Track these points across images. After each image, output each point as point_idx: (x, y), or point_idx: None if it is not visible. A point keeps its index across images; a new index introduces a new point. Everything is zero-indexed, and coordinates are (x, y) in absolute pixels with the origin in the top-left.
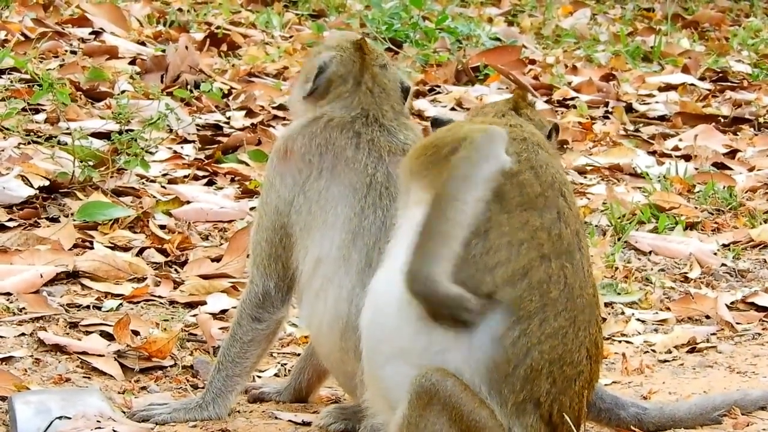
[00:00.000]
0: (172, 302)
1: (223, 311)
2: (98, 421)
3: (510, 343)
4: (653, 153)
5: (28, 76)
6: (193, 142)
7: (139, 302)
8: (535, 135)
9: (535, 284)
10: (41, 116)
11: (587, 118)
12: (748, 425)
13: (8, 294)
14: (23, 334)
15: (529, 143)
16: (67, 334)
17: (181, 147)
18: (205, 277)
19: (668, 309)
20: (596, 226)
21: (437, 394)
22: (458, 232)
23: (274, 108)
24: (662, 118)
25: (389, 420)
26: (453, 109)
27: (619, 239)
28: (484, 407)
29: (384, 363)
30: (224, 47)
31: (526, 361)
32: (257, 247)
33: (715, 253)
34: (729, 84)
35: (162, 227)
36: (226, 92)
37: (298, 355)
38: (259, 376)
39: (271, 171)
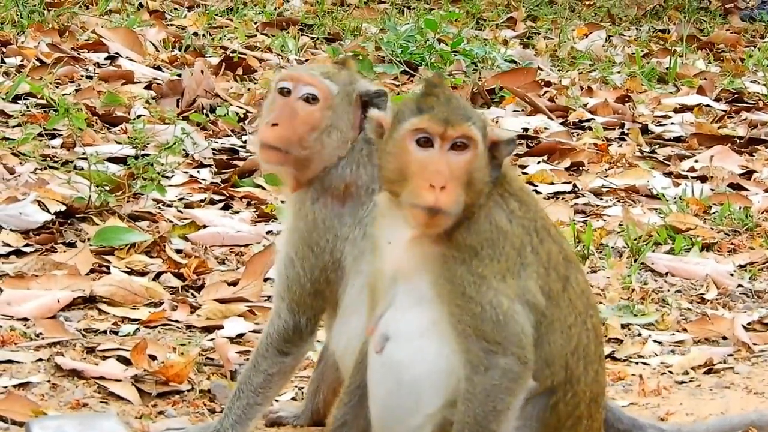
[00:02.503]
0: (189, 326)
1: (240, 335)
2: None
3: (563, 406)
4: (669, 174)
5: (44, 102)
6: (209, 166)
7: (156, 327)
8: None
9: (581, 353)
10: (57, 141)
11: (603, 140)
12: None
13: (25, 319)
14: (40, 359)
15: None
16: (84, 359)
17: (197, 171)
18: (221, 301)
19: (685, 330)
20: (612, 247)
21: None
22: None
23: None
24: (678, 140)
25: None
26: None
27: (635, 261)
28: None
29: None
30: (240, 71)
31: (575, 413)
32: (294, 285)
33: (732, 274)
34: (744, 105)
35: (178, 251)
36: (241, 116)
37: None
38: (277, 400)
39: (327, 212)
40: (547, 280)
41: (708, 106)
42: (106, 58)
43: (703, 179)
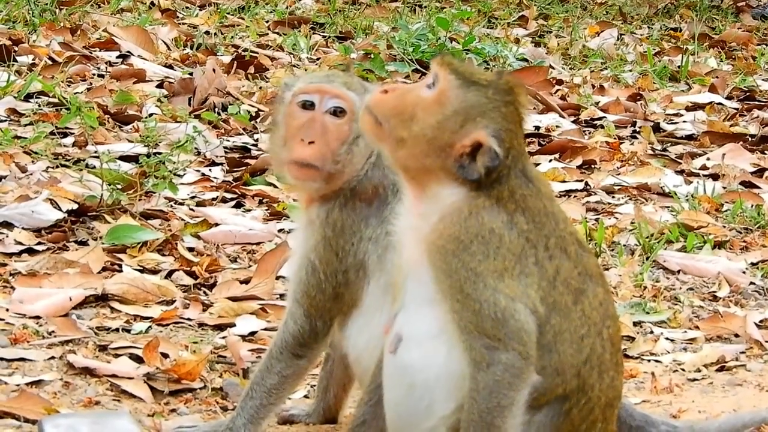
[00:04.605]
0: (201, 324)
1: (252, 333)
2: None
3: (576, 412)
4: (681, 172)
5: (56, 100)
6: (221, 164)
7: (168, 325)
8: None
9: (594, 362)
10: (69, 140)
11: (615, 138)
12: None
13: (38, 317)
14: (53, 358)
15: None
16: (97, 357)
17: (209, 169)
18: (234, 299)
19: (697, 328)
20: (624, 245)
21: None
22: None
23: None
24: (690, 138)
25: None
26: None
27: (647, 258)
28: None
29: None
30: (251, 69)
31: (589, 418)
32: (313, 291)
33: (744, 272)
34: (756, 103)
35: (190, 250)
36: (253, 114)
37: None
38: (289, 398)
39: (355, 216)
40: (552, 293)
41: (720, 104)
42: (117, 57)
43: (715, 177)
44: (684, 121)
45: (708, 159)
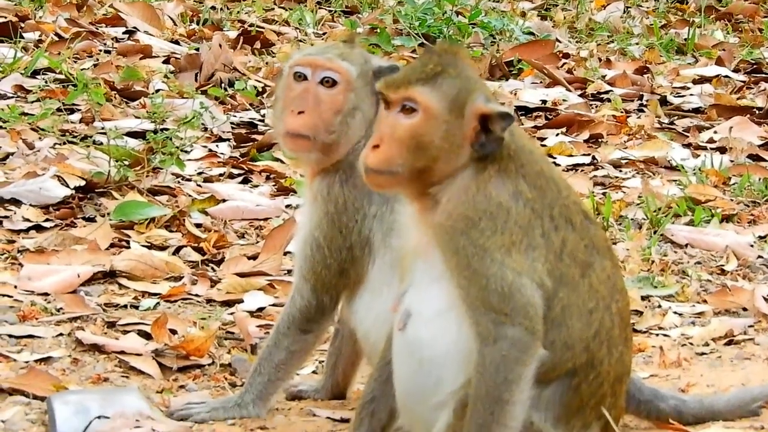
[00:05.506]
0: (209, 301)
1: (260, 309)
2: (137, 421)
3: (585, 387)
4: (688, 146)
5: (62, 77)
6: (228, 140)
7: (176, 301)
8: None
9: (603, 336)
10: (76, 116)
11: (622, 112)
12: None
13: (46, 294)
14: (61, 334)
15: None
16: (105, 333)
17: (216, 145)
18: (241, 275)
19: (705, 302)
20: (632, 219)
21: None
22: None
23: None
24: (697, 111)
25: None
26: None
27: (655, 232)
28: None
29: (434, 409)
30: (258, 45)
31: (599, 392)
32: (319, 266)
33: (752, 245)
34: (763, 75)
35: (198, 226)
36: (260, 90)
37: None
38: (297, 374)
39: (356, 193)
40: (559, 266)
41: (726, 77)
42: (124, 33)
43: (722, 150)
44: (691, 95)
45: (715, 132)
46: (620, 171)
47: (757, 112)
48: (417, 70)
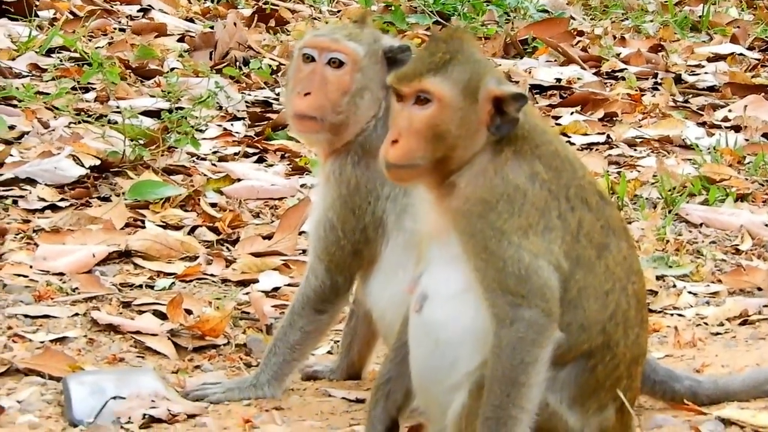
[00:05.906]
0: (224, 280)
1: (276, 289)
2: (152, 401)
3: (601, 369)
4: (703, 124)
5: (77, 55)
6: (243, 119)
7: (191, 281)
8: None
9: (619, 318)
10: (91, 95)
11: (636, 90)
12: None
13: (61, 274)
14: (77, 314)
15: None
16: (120, 313)
17: (231, 124)
18: (257, 254)
19: (720, 281)
20: (647, 198)
21: None
22: (528, 415)
23: None
24: (711, 89)
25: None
26: None
27: (669, 212)
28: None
29: (450, 390)
30: (272, 23)
31: (615, 374)
32: (333, 247)
33: (767, 225)
34: None
35: (213, 205)
36: (274, 69)
37: None
38: (312, 354)
39: (369, 174)
40: (575, 247)
41: (741, 54)
42: (138, 11)
43: (737, 129)
44: (705, 73)
45: (730, 111)
46: (635, 150)
47: None
48: (426, 60)
